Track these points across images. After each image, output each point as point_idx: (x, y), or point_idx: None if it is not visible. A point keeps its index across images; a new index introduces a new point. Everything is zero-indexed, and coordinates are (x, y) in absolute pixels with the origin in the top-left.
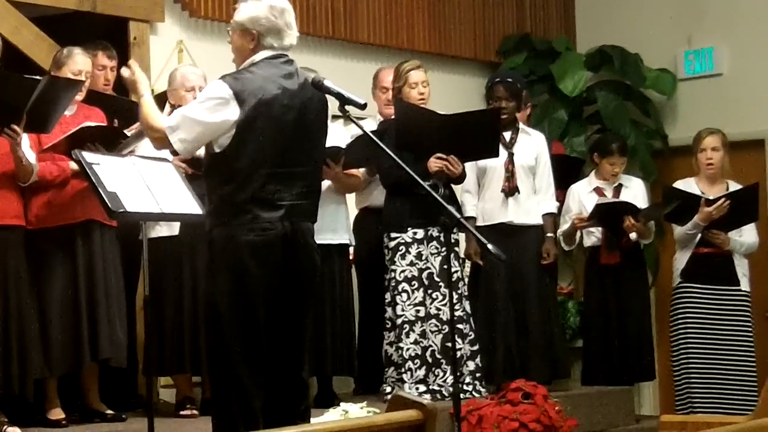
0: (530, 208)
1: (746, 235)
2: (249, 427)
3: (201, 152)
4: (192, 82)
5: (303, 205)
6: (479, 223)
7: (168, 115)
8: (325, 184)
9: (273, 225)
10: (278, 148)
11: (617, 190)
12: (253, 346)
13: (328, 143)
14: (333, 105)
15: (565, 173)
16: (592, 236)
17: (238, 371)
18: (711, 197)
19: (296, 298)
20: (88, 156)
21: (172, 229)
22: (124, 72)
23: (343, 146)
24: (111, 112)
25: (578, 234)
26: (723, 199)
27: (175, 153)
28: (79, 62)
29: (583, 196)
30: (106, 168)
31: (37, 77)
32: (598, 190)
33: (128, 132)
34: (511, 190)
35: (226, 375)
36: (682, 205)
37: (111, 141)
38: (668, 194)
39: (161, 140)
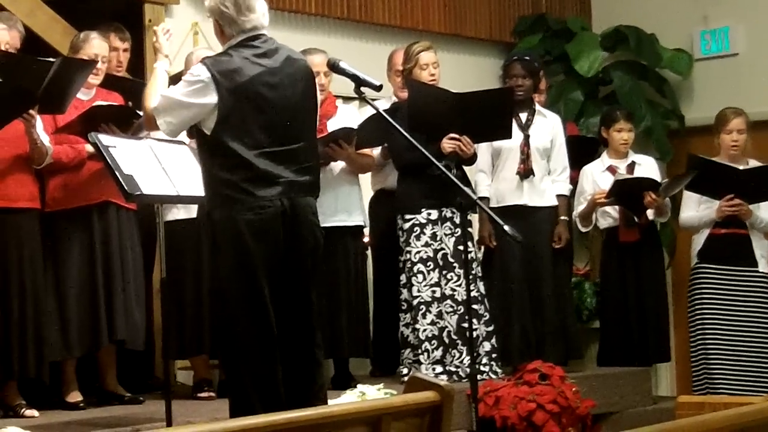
0: (544, 190)
1: (764, 211)
2: (268, 405)
3: None
4: None
5: (302, 181)
6: (492, 205)
7: None
8: (339, 165)
9: (271, 202)
10: (266, 126)
11: (630, 168)
12: (261, 324)
13: (341, 124)
14: (349, 87)
15: (582, 154)
16: (608, 217)
17: (249, 351)
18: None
19: (299, 273)
20: (105, 139)
21: (190, 211)
22: (158, 31)
23: (355, 128)
24: (126, 94)
25: (594, 215)
26: (739, 201)
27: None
28: (95, 46)
29: (597, 175)
30: (123, 150)
31: (51, 59)
32: (612, 169)
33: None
34: (526, 172)
35: (237, 354)
36: (706, 174)
37: (124, 121)
38: (694, 162)
39: (149, 121)
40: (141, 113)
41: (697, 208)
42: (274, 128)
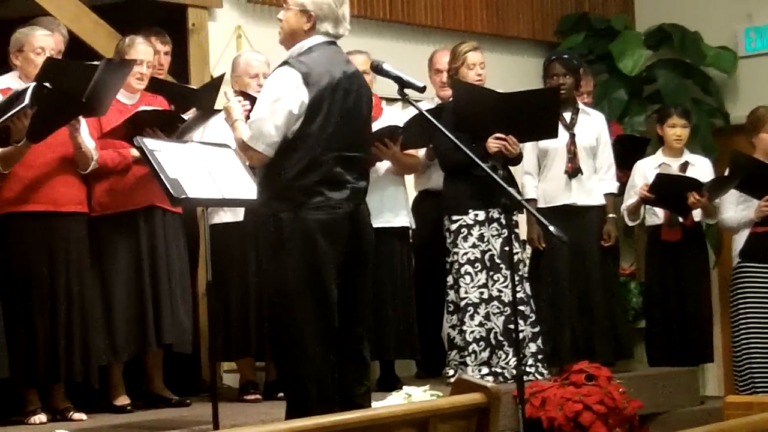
0: (592, 188)
1: None
2: (325, 407)
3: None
4: (255, 69)
5: (362, 188)
6: (540, 205)
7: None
8: (384, 165)
9: (341, 204)
10: (342, 131)
11: (683, 167)
12: (325, 323)
13: (386, 123)
14: (392, 88)
15: (631, 153)
16: (654, 216)
17: (312, 350)
18: None
19: (361, 275)
20: (150, 143)
21: (236, 214)
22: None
23: (401, 126)
24: (171, 98)
25: (642, 209)
26: None
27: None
28: (140, 51)
29: (649, 171)
30: (168, 154)
31: (95, 62)
32: (664, 166)
33: (185, 116)
34: (574, 171)
35: (299, 353)
36: (747, 173)
37: (168, 125)
38: (735, 159)
39: (254, 156)
40: (185, 117)
41: (735, 208)
42: (347, 134)
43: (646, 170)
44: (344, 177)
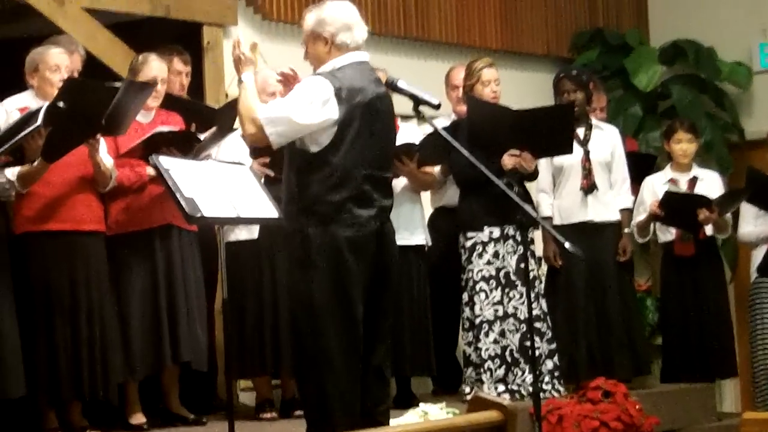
0: (608, 202)
1: None
2: (348, 425)
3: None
4: (273, 87)
5: (387, 206)
6: (557, 222)
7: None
8: (401, 182)
9: (368, 222)
10: (370, 150)
11: (692, 182)
12: (350, 339)
13: (402, 140)
14: (407, 105)
15: (639, 170)
16: (667, 232)
17: (337, 367)
18: None
19: (385, 292)
20: (165, 161)
21: (252, 232)
22: (234, 50)
23: (417, 143)
24: (188, 116)
25: (652, 226)
26: None
27: (255, 152)
28: (154, 68)
29: (658, 187)
30: (183, 173)
31: (116, 84)
32: (673, 182)
33: (202, 136)
34: (589, 187)
35: (324, 371)
36: (765, 188)
37: (185, 145)
38: (753, 175)
39: (256, 134)
40: (202, 137)
41: (754, 223)
42: (376, 153)
43: (655, 186)
44: (372, 195)
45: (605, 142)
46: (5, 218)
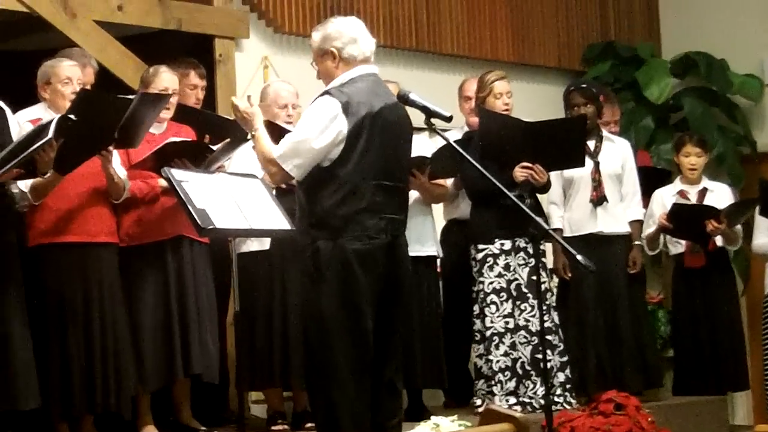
0: (618, 214)
1: None
2: None
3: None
4: (285, 99)
5: (400, 220)
6: (567, 234)
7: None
8: (413, 195)
9: (378, 235)
10: (382, 161)
11: (702, 194)
12: (360, 352)
13: (414, 153)
14: (419, 117)
15: (653, 184)
16: (677, 244)
17: (346, 380)
18: None
19: (396, 305)
20: (177, 173)
21: (263, 243)
22: (239, 103)
23: (429, 156)
24: (201, 128)
25: (662, 239)
26: None
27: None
28: (165, 80)
29: (667, 199)
30: (195, 185)
31: (130, 96)
32: (682, 193)
33: (215, 147)
34: (599, 199)
35: (333, 384)
36: None
37: (197, 156)
38: (765, 188)
39: (277, 173)
40: (214, 147)
41: None
42: (388, 164)
43: (664, 198)
44: (383, 207)
45: (616, 154)
46: (19, 231)
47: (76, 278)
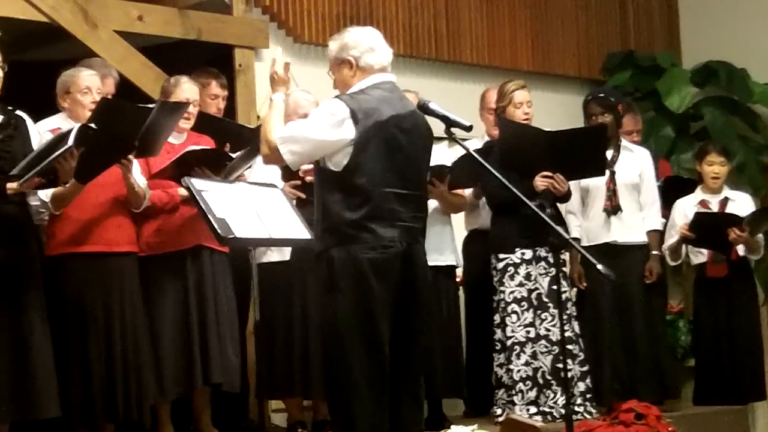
0: (634, 224)
1: None
2: None
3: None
4: (304, 108)
5: (416, 228)
6: (583, 244)
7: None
8: (432, 204)
9: (393, 243)
10: (395, 168)
11: (723, 203)
12: (376, 363)
13: (433, 162)
14: (439, 127)
15: (679, 194)
16: (699, 253)
17: (363, 390)
18: None
19: (414, 314)
20: (197, 183)
21: (283, 254)
22: (278, 60)
23: (448, 165)
24: (221, 136)
25: (683, 249)
26: None
27: (286, 175)
28: (186, 90)
29: (689, 209)
30: (215, 194)
31: (149, 105)
32: (703, 203)
33: (234, 155)
34: (613, 208)
35: (350, 394)
36: None
37: (216, 164)
38: None
39: (271, 153)
40: (233, 155)
41: None
42: (402, 171)
43: (686, 208)
44: (396, 214)
45: (633, 164)
46: (39, 241)
47: (96, 288)
